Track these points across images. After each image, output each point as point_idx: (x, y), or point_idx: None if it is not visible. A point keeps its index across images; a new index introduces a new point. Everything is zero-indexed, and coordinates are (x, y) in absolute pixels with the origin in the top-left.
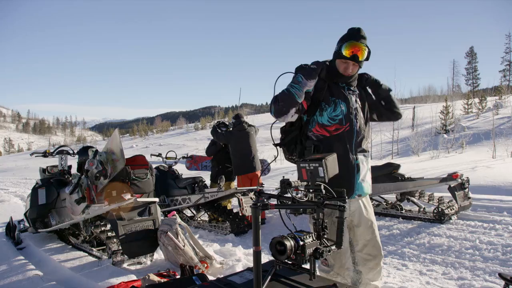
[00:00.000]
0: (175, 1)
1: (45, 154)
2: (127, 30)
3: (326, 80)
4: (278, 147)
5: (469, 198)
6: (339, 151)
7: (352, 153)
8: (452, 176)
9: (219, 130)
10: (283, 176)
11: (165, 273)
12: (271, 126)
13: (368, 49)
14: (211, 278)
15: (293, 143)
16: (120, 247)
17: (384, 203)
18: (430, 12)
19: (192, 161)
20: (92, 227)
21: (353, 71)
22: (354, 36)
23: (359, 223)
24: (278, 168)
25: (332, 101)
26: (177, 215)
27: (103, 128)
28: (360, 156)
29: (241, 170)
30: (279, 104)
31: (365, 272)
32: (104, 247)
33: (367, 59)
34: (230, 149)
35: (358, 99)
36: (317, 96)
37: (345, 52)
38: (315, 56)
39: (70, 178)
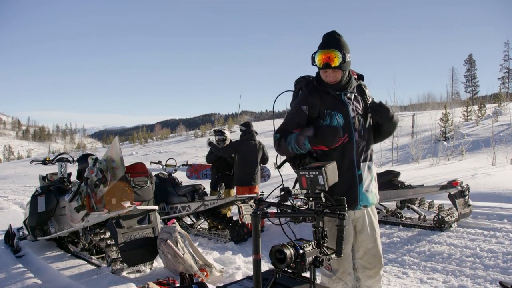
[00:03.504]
0: (174, 8)
1: (45, 162)
2: (126, 36)
3: (319, 92)
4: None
5: (469, 205)
6: (339, 163)
7: (353, 164)
8: (452, 184)
9: (218, 142)
10: (283, 184)
11: (165, 281)
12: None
13: (342, 53)
14: (210, 286)
15: (297, 158)
16: (120, 255)
17: (384, 211)
18: (429, 19)
19: (192, 170)
20: (92, 235)
21: (336, 78)
22: (323, 44)
23: (362, 229)
24: (278, 176)
25: (327, 114)
26: (176, 223)
27: (103, 135)
28: (363, 166)
29: (243, 182)
30: (280, 152)
31: (364, 280)
32: (104, 255)
33: (344, 61)
34: (237, 158)
35: (357, 106)
36: (312, 113)
37: (317, 63)
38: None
39: (70, 186)
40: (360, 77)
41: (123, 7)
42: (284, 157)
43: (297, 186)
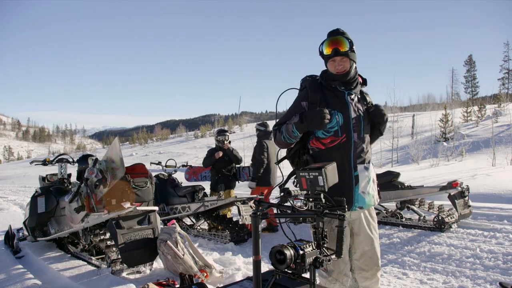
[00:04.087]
0: (173, 8)
1: (45, 163)
2: (126, 37)
3: (322, 89)
4: (280, 163)
5: (469, 206)
6: (336, 163)
7: (350, 164)
8: (452, 184)
9: (222, 141)
10: (283, 185)
11: (165, 282)
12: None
13: (349, 39)
14: (210, 287)
15: (296, 155)
16: (120, 256)
17: (384, 212)
18: (429, 20)
19: (191, 172)
20: (92, 236)
21: (345, 67)
22: (330, 34)
23: (359, 232)
24: (278, 177)
25: None
26: (176, 223)
27: (102, 136)
28: (360, 168)
29: (266, 182)
30: (277, 143)
31: (361, 281)
32: (103, 256)
33: (351, 49)
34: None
35: (360, 107)
36: (311, 109)
37: (326, 51)
38: (317, 62)
39: (70, 187)
40: (364, 82)
41: (123, 8)
42: (284, 154)
43: (293, 185)
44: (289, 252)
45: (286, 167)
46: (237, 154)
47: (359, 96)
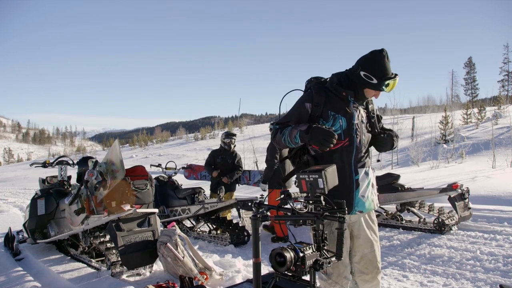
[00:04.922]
0: (173, 10)
1: (45, 165)
2: (126, 39)
3: (327, 92)
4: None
5: (469, 208)
6: (337, 166)
7: (351, 168)
8: (452, 187)
9: (229, 144)
10: (283, 187)
11: (165, 285)
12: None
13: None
14: None
15: (297, 156)
16: (119, 258)
17: (384, 214)
18: (429, 22)
19: (191, 171)
20: (91, 238)
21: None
22: (388, 69)
23: (359, 234)
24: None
25: (331, 116)
26: (176, 226)
27: (102, 138)
28: (361, 172)
29: (277, 184)
30: (275, 142)
31: (361, 284)
32: (103, 258)
33: None
34: (277, 158)
35: (363, 114)
36: (315, 111)
37: (387, 90)
38: (317, 63)
39: (70, 189)
40: None
41: (123, 9)
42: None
43: (294, 188)
44: (289, 255)
45: None
46: (238, 172)
47: (363, 106)
